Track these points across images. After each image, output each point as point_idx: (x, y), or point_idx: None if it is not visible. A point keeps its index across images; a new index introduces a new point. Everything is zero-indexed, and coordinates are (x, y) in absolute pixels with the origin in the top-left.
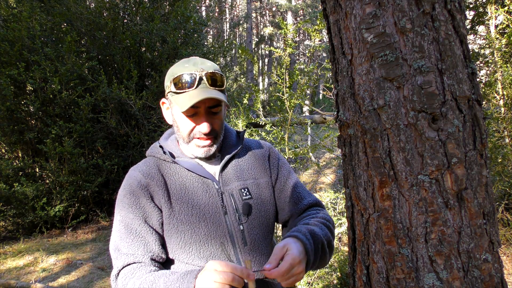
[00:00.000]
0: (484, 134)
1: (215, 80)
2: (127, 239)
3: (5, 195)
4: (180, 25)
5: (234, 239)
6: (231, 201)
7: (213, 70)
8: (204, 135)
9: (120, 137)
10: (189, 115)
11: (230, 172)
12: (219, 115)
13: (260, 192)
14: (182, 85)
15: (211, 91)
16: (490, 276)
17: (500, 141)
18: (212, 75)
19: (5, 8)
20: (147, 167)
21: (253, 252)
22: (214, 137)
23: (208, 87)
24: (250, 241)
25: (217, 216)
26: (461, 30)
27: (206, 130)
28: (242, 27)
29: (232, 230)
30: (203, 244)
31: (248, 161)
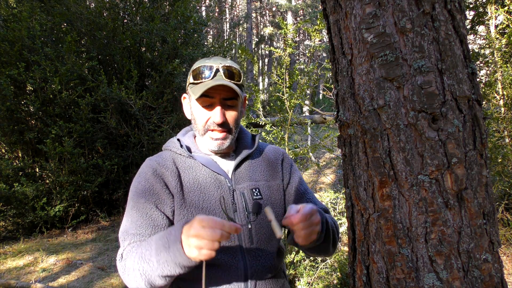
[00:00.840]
0: (484, 134)
1: (232, 73)
2: (137, 222)
3: (5, 195)
4: (180, 25)
5: (241, 236)
6: (242, 199)
7: (231, 65)
8: (218, 127)
9: (120, 137)
10: (204, 105)
11: (243, 171)
12: (235, 109)
13: (270, 194)
14: (199, 76)
15: (226, 82)
16: (490, 276)
17: (500, 141)
18: (229, 68)
19: (5, 8)
20: (162, 159)
21: (259, 251)
22: (227, 130)
23: (224, 78)
24: (256, 241)
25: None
26: (461, 30)
27: (219, 120)
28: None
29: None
30: None
31: (261, 163)
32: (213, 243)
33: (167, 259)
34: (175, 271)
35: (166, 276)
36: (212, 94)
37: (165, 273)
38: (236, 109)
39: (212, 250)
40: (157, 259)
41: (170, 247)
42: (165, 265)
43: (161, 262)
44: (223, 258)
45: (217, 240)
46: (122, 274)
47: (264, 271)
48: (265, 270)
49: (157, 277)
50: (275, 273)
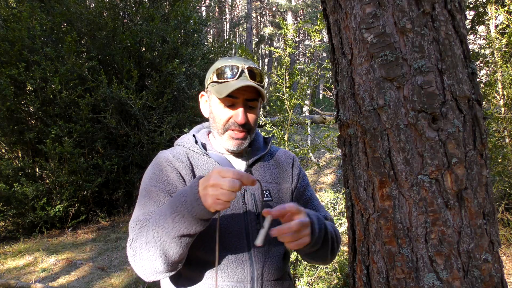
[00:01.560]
0: (484, 134)
1: (256, 74)
2: (149, 209)
3: (5, 195)
4: (180, 25)
5: (250, 237)
6: (252, 200)
7: (253, 65)
8: (239, 127)
9: (120, 137)
10: (227, 105)
11: (255, 173)
12: (255, 111)
13: (280, 196)
14: (223, 75)
15: (251, 82)
16: (490, 276)
17: (500, 141)
18: (254, 69)
19: (5, 8)
20: (177, 153)
21: (267, 252)
22: (247, 131)
23: (249, 79)
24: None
25: (237, 212)
26: (461, 30)
27: (242, 120)
28: (242, 27)
29: (249, 228)
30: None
31: (272, 166)
32: (231, 193)
33: (184, 213)
34: (191, 228)
35: (182, 236)
36: (236, 94)
37: (181, 231)
38: (256, 110)
39: (228, 201)
40: (173, 216)
41: (187, 200)
42: (181, 221)
43: (177, 220)
44: (231, 258)
45: (235, 190)
46: (132, 258)
47: (271, 273)
48: (272, 272)
49: (172, 241)
50: (282, 275)
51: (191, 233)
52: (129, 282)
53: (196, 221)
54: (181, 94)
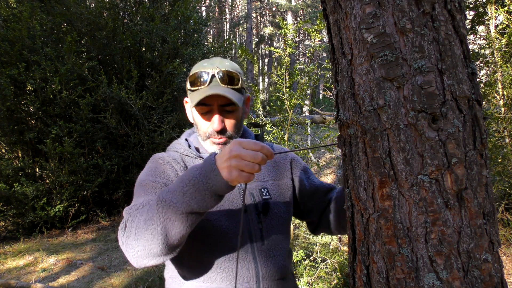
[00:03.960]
0: (484, 134)
1: (229, 78)
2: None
3: (5, 195)
4: (180, 25)
5: (252, 237)
6: (251, 199)
7: (228, 69)
8: (217, 134)
9: (120, 137)
10: (203, 113)
11: None
12: (234, 115)
13: (279, 193)
14: (195, 82)
15: (222, 89)
16: (490, 276)
17: (500, 141)
18: (225, 73)
19: (5, 8)
20: (172, 156)
21: (270, 251)
22: (227, 137)
23: (220, 84)
24: (267, 241)
25: (237, 212)
26: (461, 30)
27: (217, 127)
28: (242, 27)
29: (251, 228)
30: (221, 238)
31: (269, 163)
32: (254, 165)
33: (197, 187)
34: (203, 204)
35: (191, 212)
36: (209, 101)
37: (191, 206)
38: (236, 114)
39: (252, 172)
40: (184, 190)
41: (202, 173)
42: (193, 196)
43: (188, 194)
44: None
45: (258, 162)
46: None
47: (276, 272)
48: (277, 271)
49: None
50: (286, 274)
51: (202, 209)
52: (129, 282)
53: (211, 195)
54: (181, 94)
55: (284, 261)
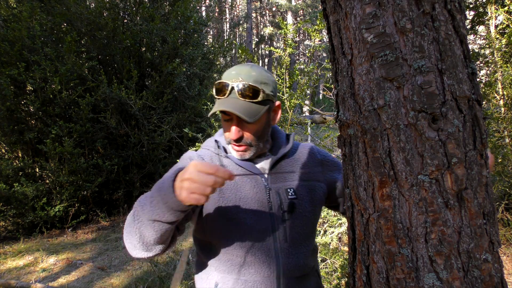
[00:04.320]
0: (484, 134)
1: (248, 92)
2: None
3: (5, 195)
4: (180, 25)
5: (276, 235)
6: (277, 198)
7: (250, 81)
8: (235, 142)
9: (120, 137)
10: (225, 120)
11: (279, 171)
12: (253, 125)
13: (306, 193)
14: (217, 91)
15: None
16: (490, 276)
17: (500, 141)
18: (245, 87)
19: (5, 8)
20: (202, 153)
21: (293, 250)
22: (246, 145)
23: (238, 97)
24: (291, 239)
25: (263, 210)
26: (461, 30)
27: (233, 137)
28: (242, 27)
29: (275, 226)
30: (245, 234)
31: (296, 162)
32: (205, 188)
33: (158, 200)
34: (163, 216)
35: (155, 220)
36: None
37: (154, 216)
38: (255, 124)
39: (203, 196)
40: (151, 200)
41: (163, 188)
42: (156, 207)
43: (153, 204)
44: (257, 255)
45: (210, 186)
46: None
47: (297, 270)
48: (298, 269)
49: (147, 223)
50: (309, 271)
51: (163, 220)
52: (129, 282)
53: (168, 210)
54: (181, 94)
55: (306, 259)
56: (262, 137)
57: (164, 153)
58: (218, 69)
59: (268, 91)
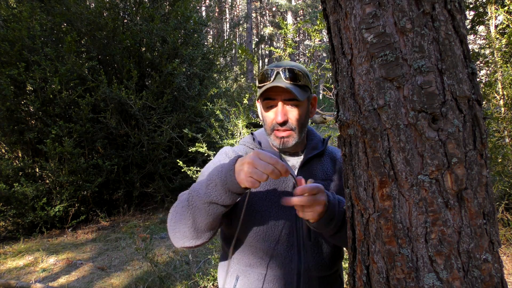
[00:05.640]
0: (484, 134)
1: (293, 75)
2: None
3: (5, 195)
4: (180, 25)
5: (300, 232)
6: None
7: (293, 67)
8: (280, 126)
9: (120, 137)
10: (267, 107)
11: (310, 170)
12: (298, 110)
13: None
14: (262, 79)
15: (285, 83)
16: (490, 276)
17: (500, 141)
18: (289, 70)
19: (5, 8)
20: (237, 149)
21: (315, 249)
22: (291, 129)
23: (284, 80)
24: (314, 238)
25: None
26: (461, 30)
27: (279, 119)
28: (242, 27)
29: (299, 223)
30: (270, 228)
31: (328, 165)
32: (262, 174)
33: (216, 182)
34: (220, 198)
35: (211, 202)
36: (273, 96)
37: (211, 197)
38: (299, 109)
39: (259, 180)
40: (208, 183)
41: (223, 171)
42: (213, 189)
43: (210, 187)
44: (280, 249)
45: (267, 173)
46: (169, 221)
47: (318, 269)
48: (318, 268)
49: (202, 206)
50: (330, 273)
51: (219, 202)
52: (129, 282)
53: (225, 191)
54: (181, 94)
55: (328, 260)
56: (303, 126)
57: (164, 153)
58: (218, 69)
59: (308, 79)
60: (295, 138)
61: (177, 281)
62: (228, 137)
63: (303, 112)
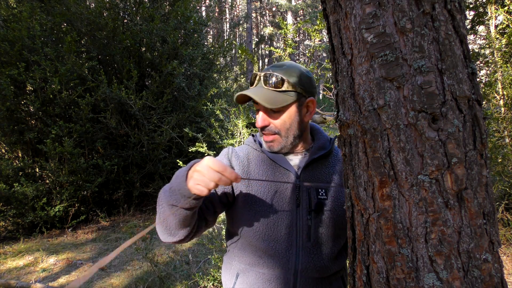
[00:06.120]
0: (484, 134)
1: (270, 80)
2: None
3: (5, 195)
4: (180, 25)
5: (299, 231)
6: (306, 196)
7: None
8: (263, 130)
9: (120, 137)
10: (256, 110)
11: (314, 171)
12: (280, 114)
13: (337, 196)
14: (250, 83)
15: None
16: (490, 276)
17: (500, 141)
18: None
19: (5, 8)
20: (239, 149)
21: (314, 250)
22: (274, 133)
23: (263, 86)
24: (314, 238)
25: (289, 206)
26: (461, 30)
27: (258, 124)
28: (242, 27)
29: (299, 223)
30: (270, 227)
31: (335, 166)
32: (209, 182)
33: (174, 187)
34: (178, 201)
35: (172, 205)
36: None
37: (171, 201)
38: (282, 113)
39: (206, 188)
40: (170, 186)
41: (179, 176)
42: (173, 192)
43: (171, 190)
44: (279, 249)
45: (214, 181)
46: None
47: (317, 271)
48: (317, 270)
49: (167, 208)
50: (329, 275)
51: (179, 205)
52: (129, 282)
53: (181, 196)
54: (181, 94)
55: (328, 262)
56: (292, 130)
57: (164, 153)
58: (218, 69)
59: (296, 84)
60: (281, 142)
61: (177, 281)
62: (228, 137)
63: (289, 118)
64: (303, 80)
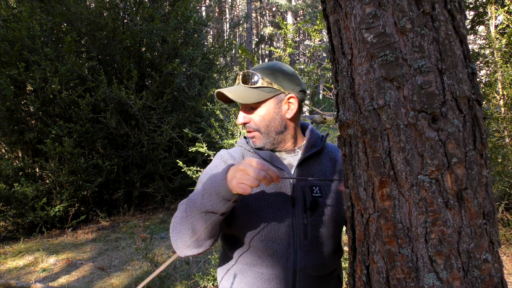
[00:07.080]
0: (484, 134)
1: (246, 78)
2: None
3: (5, 195)
4: (180, 25)
5: (296, 230)
6: (301, 194)
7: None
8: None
9: (120, 137)
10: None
11: (307, 168)
12: (257, 111)
13: (332, 194)
14: None
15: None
16: (490, 276)
17: (500, 141)
18: (245, 74)
19: (5, 8)
20: (233, 151)
21: (312, 247)
22: (254, 130)
23: (241, 84)
24: (311, 237)
25: (285, 206)
26: (461, 30)
27: (238, 121)
28: (242, 27)
29: (296, 222)
30: (267, 228)
31: (327, 164)
32: (254, 180)
33: (211, 192)
34: (216, 206)
35: (207, 211)
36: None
37: (206, 207)
38: (260, 109)
39: (250, 186)
40: (203, 193)
41: (216, 180)
42: (208, 199)
43: (205, 197)
44: (277, 248)
45: (259, 179)
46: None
47: (315, 269)
48: (316, 268)
49: (200, 216)
50: (327, 272)
51: (215, 211)
52: (129, 282)
53: (220, 200)
54: (181, 94)
55: (325, 259)
56: (273, 127)
57: (164, 153)
58: (218, 69)
59: (272, 80)
60: (262, 138)
61: (177, 281)
62: (228, 137)
63: (266, 113)
64: (280, 77)
